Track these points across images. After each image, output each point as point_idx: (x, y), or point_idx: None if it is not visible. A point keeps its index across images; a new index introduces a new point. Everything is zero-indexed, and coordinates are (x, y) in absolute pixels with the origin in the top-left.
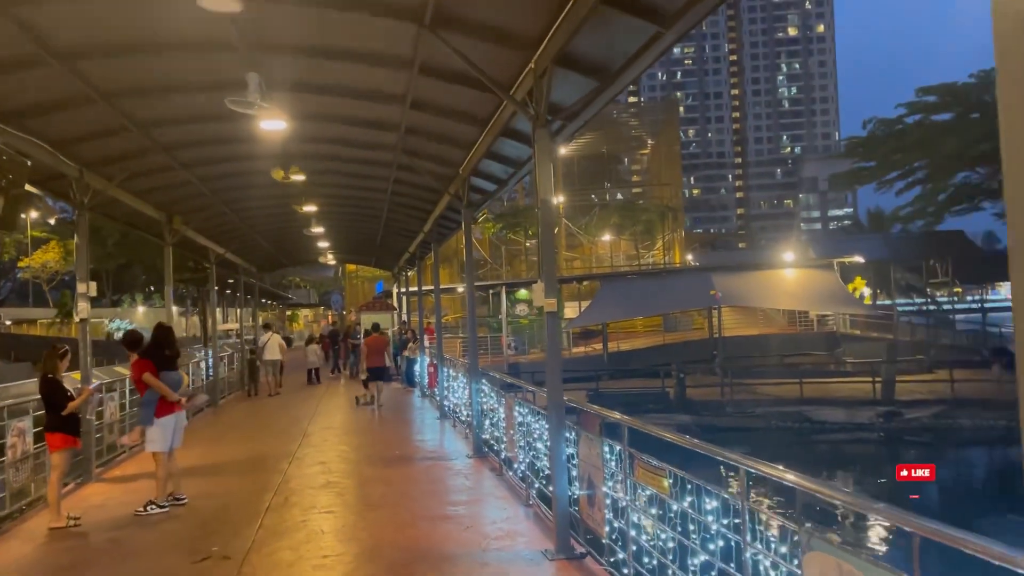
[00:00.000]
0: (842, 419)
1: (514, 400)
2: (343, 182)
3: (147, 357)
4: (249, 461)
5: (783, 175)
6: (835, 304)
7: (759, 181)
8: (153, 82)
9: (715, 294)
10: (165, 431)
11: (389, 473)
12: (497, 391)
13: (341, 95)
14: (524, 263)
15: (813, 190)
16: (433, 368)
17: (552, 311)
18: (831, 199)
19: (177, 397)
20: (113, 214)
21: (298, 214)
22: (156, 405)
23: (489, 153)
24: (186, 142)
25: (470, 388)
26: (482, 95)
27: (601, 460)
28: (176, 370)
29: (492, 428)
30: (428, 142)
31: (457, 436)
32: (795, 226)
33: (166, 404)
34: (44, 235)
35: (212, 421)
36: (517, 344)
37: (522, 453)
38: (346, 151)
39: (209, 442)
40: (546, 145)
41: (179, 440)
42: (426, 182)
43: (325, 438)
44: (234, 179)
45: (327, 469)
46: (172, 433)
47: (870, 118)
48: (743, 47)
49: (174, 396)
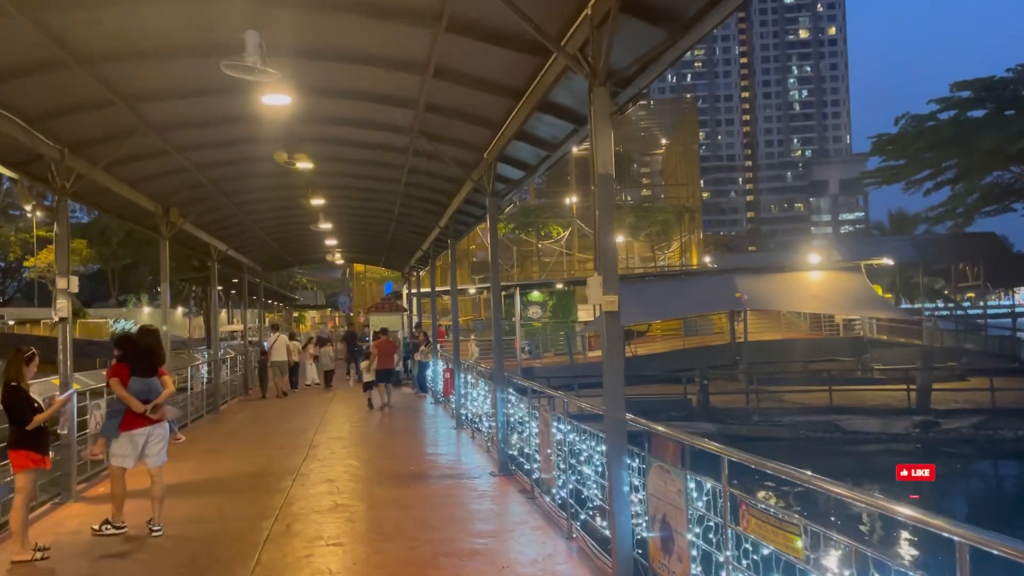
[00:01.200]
0: (876, 429)
1: (551, 414)
2: (353, 171)
3: (124, 362)
4: (248, 477)
5: (793, 178)
6: (865, 307)
7: (769, 184)
8: (135, 42)
9: (740, 296)
10: (128, 445)
11: (404, 495)
12: (528, 401)
13: (353, 61)
14: (536, 265)
15: (824, 193)
16: (449, 373)
17: (612, 311)
18: (842, 203)
19: (140, 407)
20: (103, 204)
21: (304, 209)
22: (123, 416)
23: (520, 133)
24: (179, 122)
25: (494, 397)
26: (519, 57)
27: (684, 499)
28: (157, 377)
29: (521, 443)
30: (450, 121)
31: (477, 449)
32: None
33: (133, 416)
34: (50, 234)
35: (212, 430)
36: (531, 348)
37: (562, 476)
38: (357, 133)
39: (206, 454)
40: (605, 107)
41: (160, 456)
42: (445, 170)
43: (333, 450)
44: (235, 167)
45: (335, 488)
46: (140, 448)
47: (903, 114)
48: (754, 49)
49: (138, 406)
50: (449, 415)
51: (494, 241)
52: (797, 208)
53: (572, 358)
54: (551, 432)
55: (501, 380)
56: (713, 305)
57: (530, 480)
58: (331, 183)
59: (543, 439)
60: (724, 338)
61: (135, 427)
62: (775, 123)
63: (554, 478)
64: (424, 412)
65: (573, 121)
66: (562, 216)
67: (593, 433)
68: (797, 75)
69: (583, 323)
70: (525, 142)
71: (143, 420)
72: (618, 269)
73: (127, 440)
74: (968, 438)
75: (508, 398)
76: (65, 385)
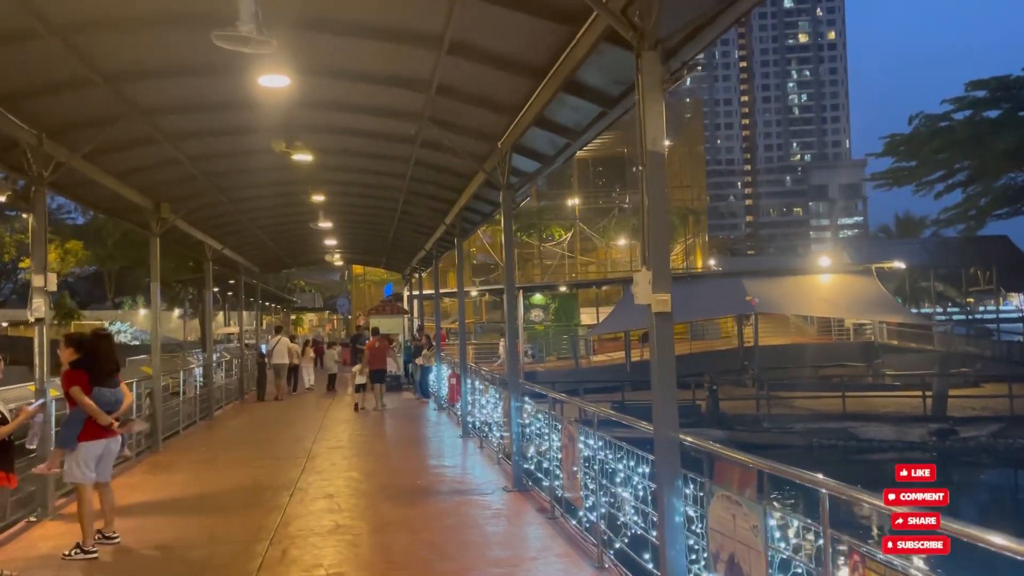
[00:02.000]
0: (891, 437)
1: (577, 427)
2: (355, 164)
3: (82, 368)
4: (241, 492)
5: (792, 182)
6: (878, 311)
7: (768, 188)
8: (113, 10)
9: (752, 300)
10: (88, 459)
11: (412, 514)
12: (547, 411)
13: (358, 34)
14: (537, 267)
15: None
16: (456, 379)
17: (664, 311)
18: (841, 207)
19: (108, 420)
20: (87, 197)
21: (303, 206)
22: (83, 426)
23: (540, 119)
24: (168, 106)
25: (509, 406)
26: (546, 26)
27: (762, 539)
28: (115, 387)
29: (538, 456)
30: (463, 105)
31: (487, 461)
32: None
33: (95, 427)
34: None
35: (205, 438)
36: (534, 352)
37: (591, 497)
38: (361, 121)
39: (198, 465)
40: (656, 74)
41: (106, 473)
42: (454, 163)
43: (333, 461)
44: (230, 160)
45: (335, 505)
46: (97, 462)
47: (916, 113)
48: (753, 53)
49: (105, 419)
50: (454, 422)
51: (509, 237)
52: (796, 212)
53: (577, 363)
54: (577, 447)
55: (516, 387)
56: (723, 309)
57: (550, 498)
58: (332, 177)
59: (567, 454)
60: (731, 342)
61: (96, 438)
62: (774, 127)
63: (580, 498)
64: (427, 419)
65: (600, 103)
66: (564, 218)
67: (630, 450)
68: (796, 79)
69: (586, 327)
70: (544, 129)
71: (105, 432)
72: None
73: (86, 453)
74: (987, 447)
75: (524, 406)
76: (41, 392)
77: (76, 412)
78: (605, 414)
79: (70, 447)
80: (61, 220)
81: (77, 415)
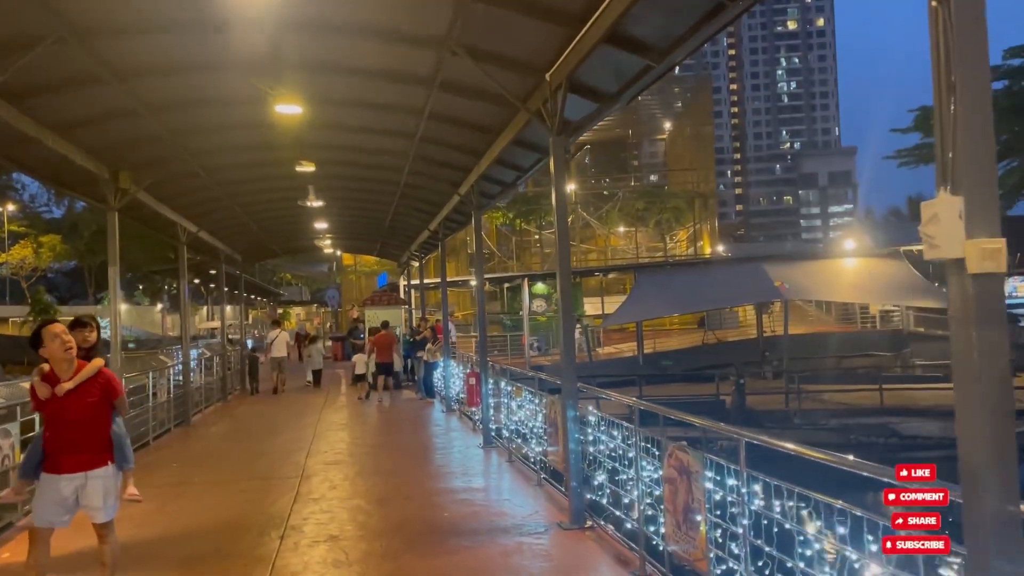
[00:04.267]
0: (937, 434)
1: (694, 457)
2: (353, 120)
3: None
4: (216, 533)
5: (782, 171)
6: (912, 296)
7: (758, 177)
8: None
9: (781, 285)
10: (59, 494)
11: (445, 568)
12: (625, 424)
13: None
14: (536, 255)
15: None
16: (475, 379)
17: (993, 271)
18: (831, 195)
19: None
20: (23, 160)
21: (290, 179)
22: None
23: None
24: (112, 27)
25: (562, 416)
26: None
27: None
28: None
29: (611, 485)
30: (507, 14)
31: (521, 480)
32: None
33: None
34: (23, 229)
35: (178, 451)
36: (540, 344)
37: (727, 562)
38: (364, 54)
39: (164, 491)
40: None
41: (108, 506)
42: (479, 112)
43: (332, 483)
44: (200, 112)
45: (342, 555)
46: (74, 497)
47: None
48: (742, 41)
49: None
50: (469, 428)
51: (561, 197)
52: (786, 201)
53: (590, 354)
54: (697, 486)
55: (572, 392)
56: (747, 296)
57: (637, 550)
58: (324, 140)
59: (675, 492)
60: (746, 332)
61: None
62: (764, 115)
63: (704, 557)
64: (436, 423)
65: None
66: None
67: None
68: (786, 67)
69: (590, 317)
70: (617, 47)
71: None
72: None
73: (52, 485)
74: None
75: (587, 415)
76: None
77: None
78: (773, 444)
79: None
80: (35, 212)
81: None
